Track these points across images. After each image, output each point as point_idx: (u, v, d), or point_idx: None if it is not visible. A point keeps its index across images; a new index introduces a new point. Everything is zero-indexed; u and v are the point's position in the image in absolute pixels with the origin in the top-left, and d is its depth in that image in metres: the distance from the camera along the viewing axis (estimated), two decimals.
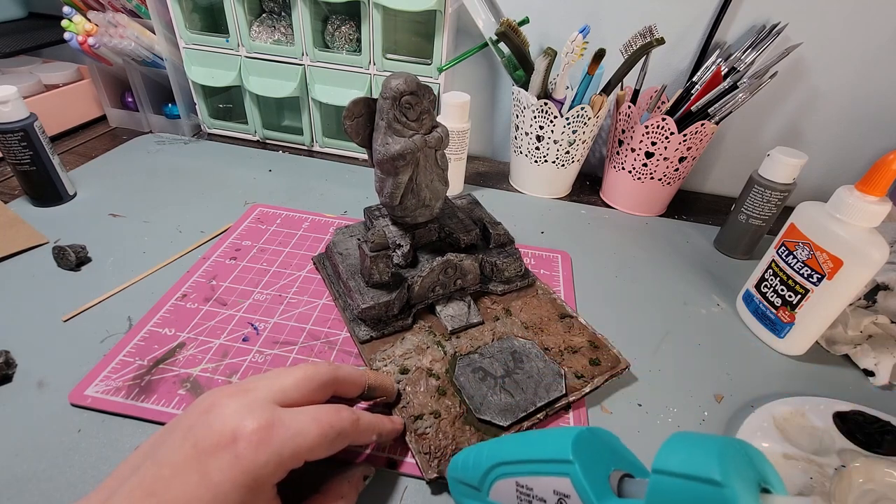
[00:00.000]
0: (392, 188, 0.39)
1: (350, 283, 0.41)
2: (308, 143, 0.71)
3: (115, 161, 0.64)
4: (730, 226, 0.57)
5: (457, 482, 0.28)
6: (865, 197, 0.37)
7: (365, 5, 0.58)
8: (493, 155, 0.78)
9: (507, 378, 0.37)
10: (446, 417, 0.34)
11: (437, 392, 0.35)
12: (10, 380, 0.35)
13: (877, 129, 0.64)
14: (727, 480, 0.16)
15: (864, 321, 0.43)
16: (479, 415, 0.34)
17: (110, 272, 0.46)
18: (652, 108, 0.58)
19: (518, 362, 0.38)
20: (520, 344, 0.40)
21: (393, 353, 0.38)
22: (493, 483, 0.24)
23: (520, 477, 0.23)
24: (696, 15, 0.60)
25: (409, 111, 0.37)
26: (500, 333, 0.41)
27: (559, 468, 0.21)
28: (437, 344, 0.40)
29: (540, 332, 0.42)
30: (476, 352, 0.39)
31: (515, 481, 0.23)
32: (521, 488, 0.23)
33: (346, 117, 0.38)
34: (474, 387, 0.36)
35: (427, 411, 0.34)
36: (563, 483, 0.21)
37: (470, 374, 0.37)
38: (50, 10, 0.82)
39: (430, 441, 0.33)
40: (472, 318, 0.42)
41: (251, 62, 0.65)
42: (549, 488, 0.21)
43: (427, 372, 0.37)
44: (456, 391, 0.36)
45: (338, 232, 0.47)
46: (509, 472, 0.24)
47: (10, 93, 0.48)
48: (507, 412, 0.34)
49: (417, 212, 0.41)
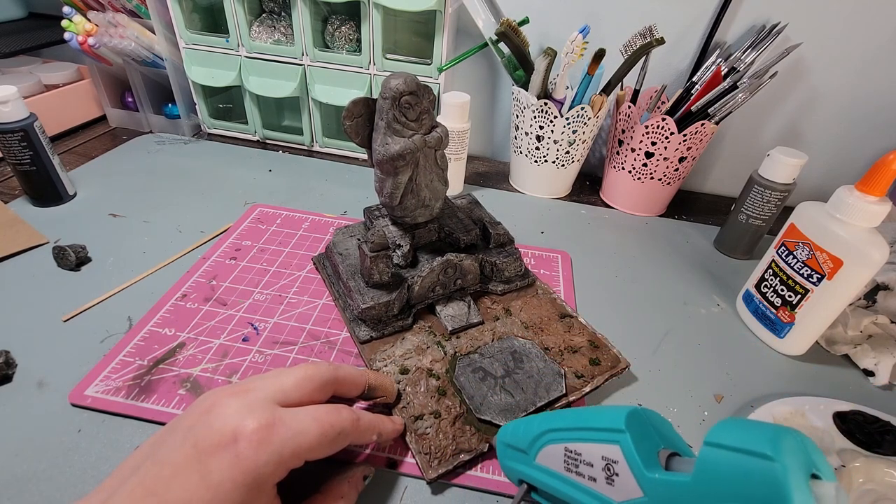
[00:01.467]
0: (392, 188, 0.39)
1: (350, 283, 0.41)
2: (308, 143, 0.71)
3: (115, 161, 0.64)
4: (730, 226, 0.57)
5: (505, 446, 0.29)
6: (865, 197, 0.37)
7: (365, 5, 0.58)
8: (493, 155, 0.78)
9: (507, 378, 0.37)
10: (446, 417, 0.34)
11: (437, 392, 0.35)
12: (10, 380, 0.35)
13: (877, 129, 0.64)
14: (779, 456, 0.16)
15: (864, 321, 0.43)
16: (479, 415, 0.34)
17: (110, 272, 0.46)
18: (652, 108, 0.58)
19: (518, 362, 0.38)
20: (520, 344, 0.40)
21: (393, 354, 0.38)
22: (542, 447, 0.25)
23: (570, 443, 0.24)
24: (696, 15, 0.60)
25: (409, 111, 0.37)
26: (500, 333, 0.41)
27: (611, 436, 0.22)
28: (437, 344, 0.39)
29: (540, 331, 0.42)
30: (476, 352, 0.39)
31: (565, 447, 0.24)
32: (569, 453, 0.24)
33: (345, 117, 0.38)
34: (474, 387, 0.36)
35: (427, 411, 0.34)
36: (613, 450, 0.21)
37: (470, 374, 0.37)
38: (50, 10, 0.82)
39: (430, 441, 0.33)
40: (472, 318, 0.42)
41: (251, 62, 0.65)
42: (598, 454, 0.22)
43: (427, 372, 0.37)
44: (456, 391, 0.36)
45: (338, 232, 0.46)
46: (560, 437, 0.25)
47: (10, 93, 0.48)
48: (507, 412, 0.34)
49: (417, 212, 0.41)
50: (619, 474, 0.21)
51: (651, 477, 0.20)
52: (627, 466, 0.21)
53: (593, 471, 0.22)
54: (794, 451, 0.17)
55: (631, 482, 0.21)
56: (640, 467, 0.20)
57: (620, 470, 0.21)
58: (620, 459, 0.21)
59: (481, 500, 0.31)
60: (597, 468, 0.22)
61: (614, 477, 0.21)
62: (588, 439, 0.23)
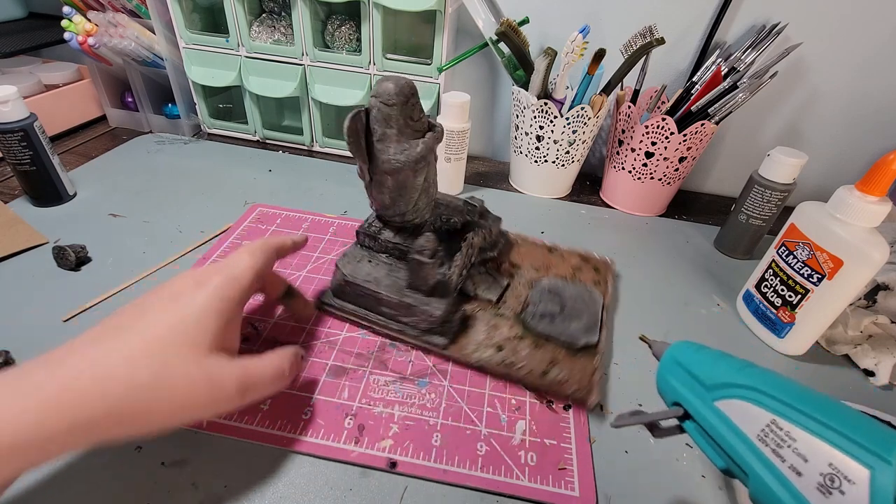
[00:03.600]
0: (410, 193, 0.39)
1: (406, 300, 0.39)
2: (308, 143, 0.71)
3: (115, 161, 0.64)
4: (730, 226, 0.57)
5: (676, 364, 0.26)
6: (865, 197, 0.37)
7: (365, 5, 0.58)
8: (493, 155, 0.78)
9: (565, 308, 0.43)
10: (561, 360, 0.38)
11: (535, 348, 0.39)
12: None
13: (877, 129, 0.64)
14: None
15: (864, 321, 0.43)
16: (578, 344, 0.39)
17: (110, 272, 0.46)
18: (652, 108, 0.58)
19: (559, 295, 0.44)
20: (547, 283, 0.46)
21: (477, 340, 0.40)
22: (734, 398, 0.23)
23: (784, 420, 0.21)
24: (696, 15, 0.60)
25: (414, 111, 0.36)
26: (526, 283, 0.46)
27: (863, 454, 0.18)
28: (497, 316, 0.43)
29: (547, 269, 0.49)
30: (527, 305, 0.43)
31: (773, 418, 0.21)
32: (775, 428, 0.21)
33: (349, 135, 0.36)
34: (554, 328, 0.40)
35: (545, 364, 0.38)
36: (855, 468, 0.18)
37: (542, 321, 0.41)
38: (50, 10, 0.82)
39: (570, 383, 0.36)
40: (502, 283, 0.45)
41: (251, 62, 0.65)
42: (825, 457, 0.19)
43: (515, 338, 0.40)
44: (544, 339, 0.40)
45: (342, 265, 0.42)
46: (775, 408, 0.21)
47: (10, 93, 0.48)
48: (589, 330, 0.40)
49: (426, 210, 0.41)
50: (844, 493, 0.18)
51: None
52: (868, 498, 0.18)
53: (804, 466, 0.19)
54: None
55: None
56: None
57: (850, 492, 0.18)
58: (862, 484, 0.18)
59: (482, 499, 0.31)
60: (812, 467, 0.19)
61: (834, 490, 0.18)
62: (819, 434, 0.20)
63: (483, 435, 0.35)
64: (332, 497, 0.31)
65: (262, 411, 0.35)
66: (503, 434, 0.35)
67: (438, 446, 0.34)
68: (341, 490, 0.31)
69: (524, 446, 0.34)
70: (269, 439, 0.33)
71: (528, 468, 0.33)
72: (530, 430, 0.35)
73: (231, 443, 0.33)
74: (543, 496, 0.31)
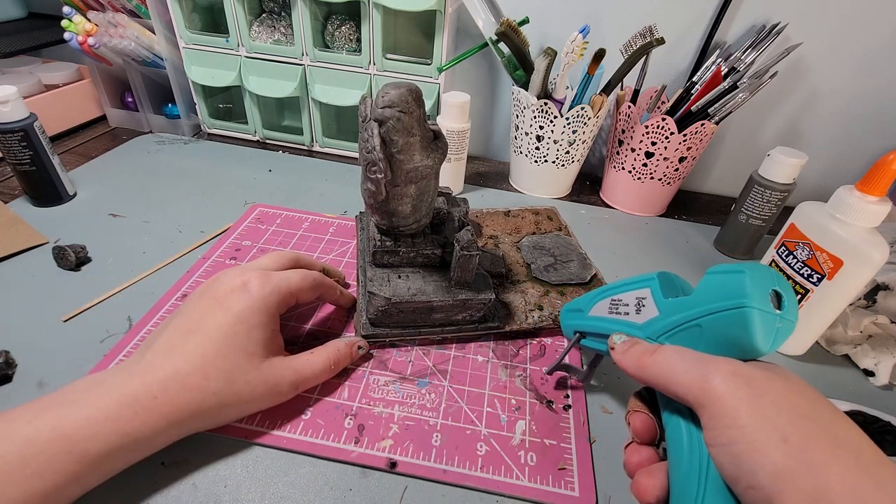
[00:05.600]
0: (431, 197, 0.38)
1: (460, 297, 0.39)
2: (308, 143, 0.71)
3: (115, 161, 0.64)
4: (730, 226, 0.57)
5: (567, 311, 0.38)
6: (865, 197, 0.37)
7: (365, 5, 0.58)
8: (493, 155, 0.78)
9: (557, 257, 0.49)
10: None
11: (561, 295, 0.46)
12: (10, 380, 0.35)
13: (877, 129, 0.64)
14: (747, 270, 0.25)
15: (864, 321, 0.43)
16: (586, 280, 0.47)
17: (110, 272, 0.46)
18: (652, 108, 0.58)
19: (544, 248, 0.51)
20: (528, 241, 0.52)
21: (520, 308, 0.44)
22: (595, 303, 0.35)
23: (615, 294, 0.33)
24: (696, 15, 0.60)
25: (424, 114, 0.36)
26: (511, 248, 0.51)
27: (645, 282, 0.31)
28: (515, 283, 0.47)
29: (517, 231, 0.55)
30: (529, 266, 0.49)
31: (611, 299, 0.33)
32: (613, 302, 0.33)
33: (383, 152, 0.33)
34: (561, 275, 0.47)
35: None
36: (645, 291, 0.30)
37: (545, 272, 0.47)
38: (50, 10, 0.82)
39: None
40: (498, 255, 0.49)
41: (251, 62, 0.65)
42: (633, 297, 0.31)
43: (543, 295, 0.46)
44: (564, 287, 0.47)
45: (379, 291, 0.39)
46: (609, 292, 0.34)
47: (10, 93, 0.48)
48: (586, 267, 0.49)
49: (432, 210, 0.41)
50: (645, 305, 0.30)
51: (666, 301, 0.29)
52: (652, 299, 0.29)
53: (628, 308, 0.31)
54: (760, 271, 0.25)
55: (652, 308, 0.29)
56: (660, 296, 0.29)
57: (647, 303, 0.30)
58: (648, 296, 0.30)
59: (481, 499, 0.31)
60: (630, 306, 0.31)
61: (641, 308, 0.30)
62: (628, 289, 0.32)
63: (483, 435, 0.35)
64: (331, 497, 0.31)
65: (263, 411, 0.35)
66: (503, 434, 0.35)
67: (438, 446, 0.34)
68: (341, 490, 0.31)
69: (524, 446, 0.34)
70: (269, 439, 0.33)
71: (527, 468, 0.33)
72: (530, 431, 0.35)
73: (231, 443, 0.33)
74: (543, 496, 0.31)
